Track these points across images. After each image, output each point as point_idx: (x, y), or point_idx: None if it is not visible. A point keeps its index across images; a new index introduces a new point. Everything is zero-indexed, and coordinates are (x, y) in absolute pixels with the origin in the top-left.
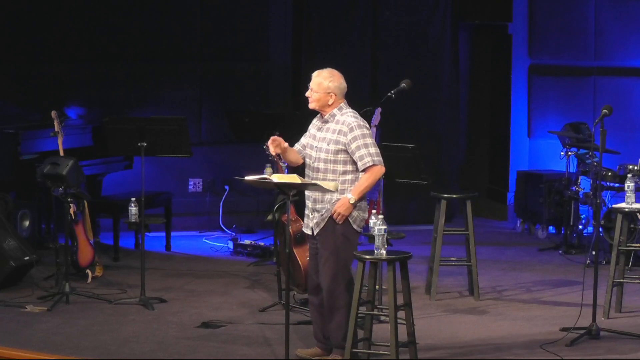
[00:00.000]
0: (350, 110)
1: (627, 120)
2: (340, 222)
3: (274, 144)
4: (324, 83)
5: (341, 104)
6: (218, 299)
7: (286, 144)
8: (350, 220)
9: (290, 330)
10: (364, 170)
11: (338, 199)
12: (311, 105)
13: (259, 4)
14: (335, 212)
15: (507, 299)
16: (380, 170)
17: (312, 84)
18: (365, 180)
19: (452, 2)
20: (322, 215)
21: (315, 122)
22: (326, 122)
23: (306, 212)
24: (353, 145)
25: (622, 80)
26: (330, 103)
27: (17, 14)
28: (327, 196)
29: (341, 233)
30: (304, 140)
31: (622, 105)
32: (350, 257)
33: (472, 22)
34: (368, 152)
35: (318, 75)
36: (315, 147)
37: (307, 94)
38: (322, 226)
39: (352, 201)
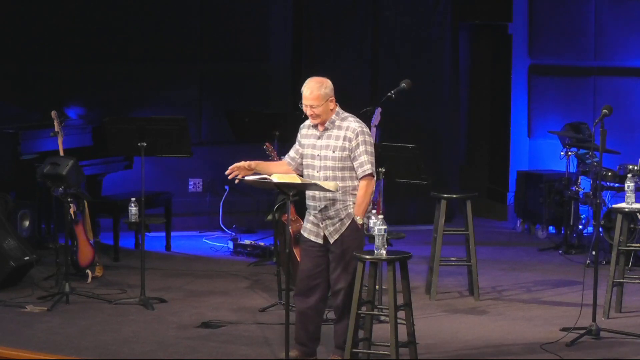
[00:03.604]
0: (349, 114)
1: (627, 120)
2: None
3: (240, 171)
4: (321, 93)
5: (337, 109)
6: (218, 299)
7: (249, 163)
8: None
9: (290, 330)
10: (361, 178)
11: (353, 203)
12: (316, 121)
13: (259, 4)
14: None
15: (507, 299)
16: (374, 182)
17: (309, 102)
18: (364, 196)
19: (452, 2)
20: (341, 220)
21: (311, 132)
22: (326, 129)
23: (311, 219)
24: (357, 151)
25: (622, 80)
26: (332, 108)
27: (17, 14)
28: (339, 205)
29: (358, 240)
30: (293, 153)
31: (622, 105)
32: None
33: (472, 22)
34: (368, 160)
35: (309, 90)
36: (318, 155)
37: (309, 112)
38: (342, 233)
39: (360, 222)
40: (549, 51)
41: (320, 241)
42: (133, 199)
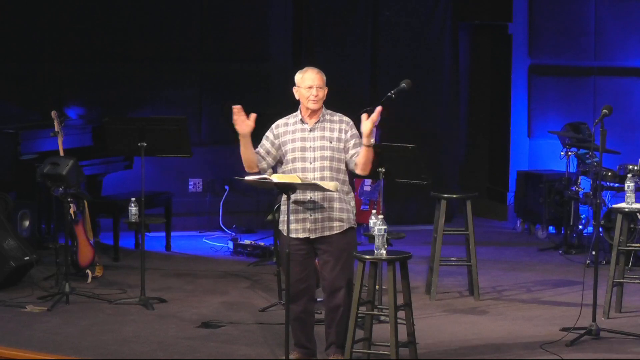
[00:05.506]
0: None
1: (627, 120)
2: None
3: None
4: (323, 77)
5: None
6: (218, 299)
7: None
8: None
9: (290, 330)
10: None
11: (351, 207)
12: (317, 105)
13: (259, 4)
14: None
15: (507, 299)
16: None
17: (317, 83)
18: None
19: (452, 2)
20: (339, 221)
21: (295, 127)
22: (319, 121)
23: (295, 215)
24: (352, 142)
25: (622, 80)
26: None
27: (17, 13)
28: (336, 203)
29: (355, 240)
30: (263, 152)
31: (622, 105)
32: None
33: (472, 22)
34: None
35: (314, 72)
36: (311, 147)
37: (313, 94)
38: (338, 233)
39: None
40: (549, 51)
41: (306, 235)
42: (133, 199)
